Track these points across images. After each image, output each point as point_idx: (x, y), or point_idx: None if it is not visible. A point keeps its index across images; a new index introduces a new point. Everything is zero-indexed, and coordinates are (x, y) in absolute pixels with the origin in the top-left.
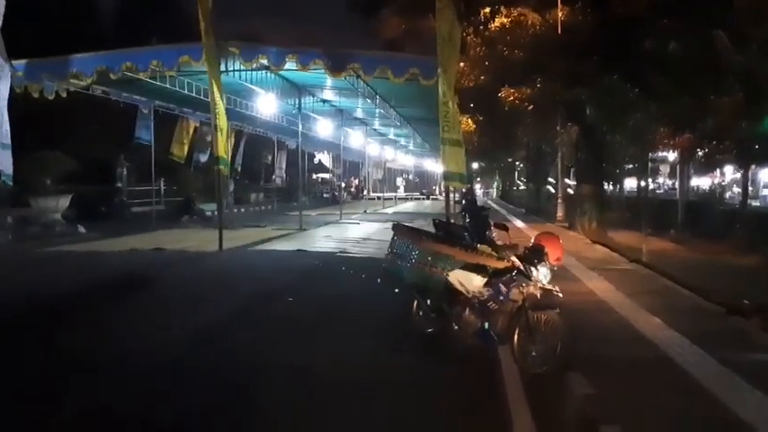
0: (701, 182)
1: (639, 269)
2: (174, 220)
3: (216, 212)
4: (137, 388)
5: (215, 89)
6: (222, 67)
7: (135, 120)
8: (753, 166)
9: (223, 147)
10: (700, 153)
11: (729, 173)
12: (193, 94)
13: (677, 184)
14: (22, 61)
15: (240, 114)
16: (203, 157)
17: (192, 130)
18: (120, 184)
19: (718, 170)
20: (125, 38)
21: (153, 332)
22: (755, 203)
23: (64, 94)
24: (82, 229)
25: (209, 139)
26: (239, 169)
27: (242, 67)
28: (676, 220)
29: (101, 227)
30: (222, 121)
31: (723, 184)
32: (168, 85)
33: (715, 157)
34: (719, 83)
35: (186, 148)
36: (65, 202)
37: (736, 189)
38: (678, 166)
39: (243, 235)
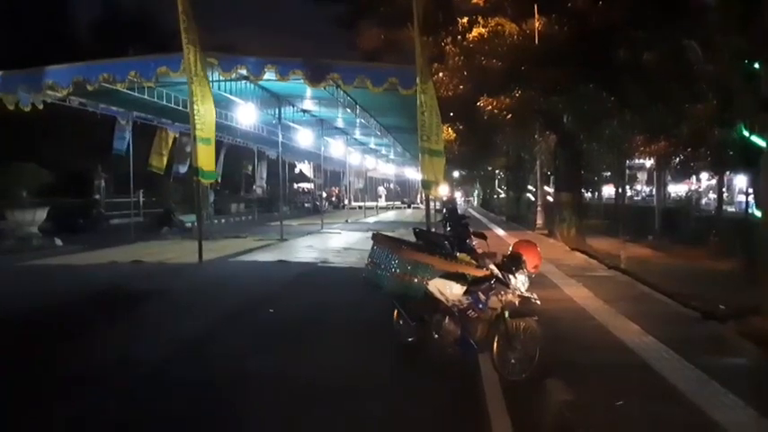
0: (678, 188)
1: (617, 276)
2: (153, 231)
3: (196, 223)
4: (116, 400)
5: (198, 99)
6: None
7: (113, 131)
8: (727, 173)
9: (209, 159)
10: (675, 160)
11: (705, 179)
12: (172, 105)
13: (654, 190)
14: None
15: (220, 125)
16: (183, 168)
17: (171, 141)
18: (98, 196)
19: (693, 177)
20: (102, 49)
21: (132, 345)
22: (731, 209)
23: (40, 106)
24: (59, 242)
25: (188, 149)
26: (219, 180)
27: (221, 78)
28: (654, 227)
29: (79, 239)
30: (208, 133)
31: (699, 190)
32: (147, 96)
33: (690, 164)
34: (693, 91)
35: (165, 159)
36: (41, 214)
37: (712, 195)
38: (655, 173)
39: (223, 246)
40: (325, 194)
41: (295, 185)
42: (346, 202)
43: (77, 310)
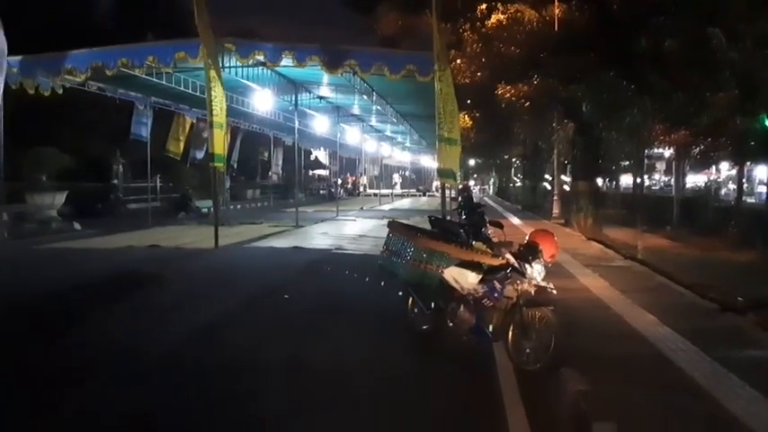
0: (697, 178)
1: (634, 266)
2: (170, 216)
3: (212, 209)
4: (129, 384)
5: (213, 85)
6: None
7: (131, 116)
8: (748, 163)
9: (221, 144)
10: (695, 150)
11: (725, 169)
12: (189, 91)
13: (673, 180)
14: (17, 57)
15: (236, 111)
16: (199, 154)
17: (188, 127)
18: (116, 181)
19: (713, 167)
20: (121, 34)
21: (150, 329)
22: (750, 200)
23: (60, 91)
24: (77, 226)
25: (205, 135)
26: (235, 166)
27: (238, 64)
28: (672, 217)
29: (97, 224)
30: (222, 118)
31: (718, 180)
32: (164, 82)
33: (710, 154)
34: (715, 79)
35: (182, 145)
36: (61, 198)
37: (732, 186)
38: (674, 163)
39: (239, 232)
40: (340, 181)
41: (310, 172)
42: (361, 189)
43: (94, 294)
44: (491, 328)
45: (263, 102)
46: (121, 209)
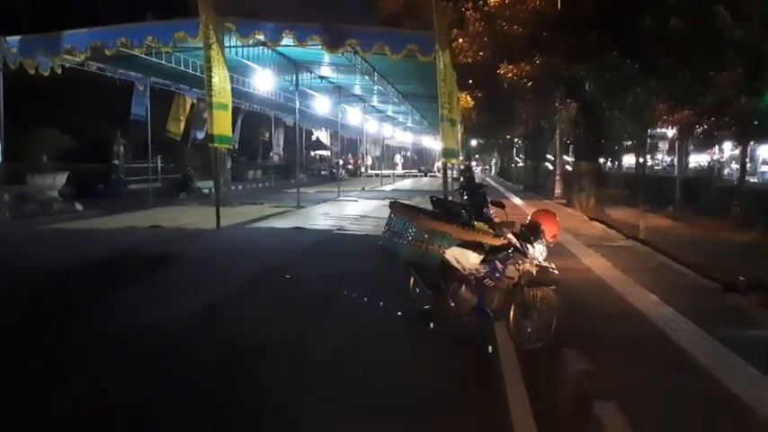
0: (700, 158)
1: (636, 246)
2: (171, 197)
3: (213, 190)
4: (128, 365)
5: (215, 65)
6: None
7: (131, 96)
8: (751, 143)
9: (226, 124)
10: (698, 129)
11: (728, 149)
12: (190, 71)
13: (676, 160)
14: (16, 37)
15: (237, 91)
16: (200, 134)
17: (188, 107)
18: (116, 162)
19: (716, 147)
20: (120, 13)
21: (153, 310)
22: (753, 180)
23: (59, 71)
24: (79, 207)
25: (205, 115)
26: (236, 146)
27: (238, 44)
28: (674, 197)
29: (98, 204)
30: (224, 98)
31: (721, 160)
32: (164, 62)
33: (714, 134)
34: (719, 58)
35: (183, 125)
36: (62, 179)
37: (735, 166)
38: (677, 143)
39: (240, 212)
40: (342, 162)
41: (312, 153)
42: (363, 169)
43: (95, 274)
44: (492, 307)
45: (263, 82)
46: (123, 189)
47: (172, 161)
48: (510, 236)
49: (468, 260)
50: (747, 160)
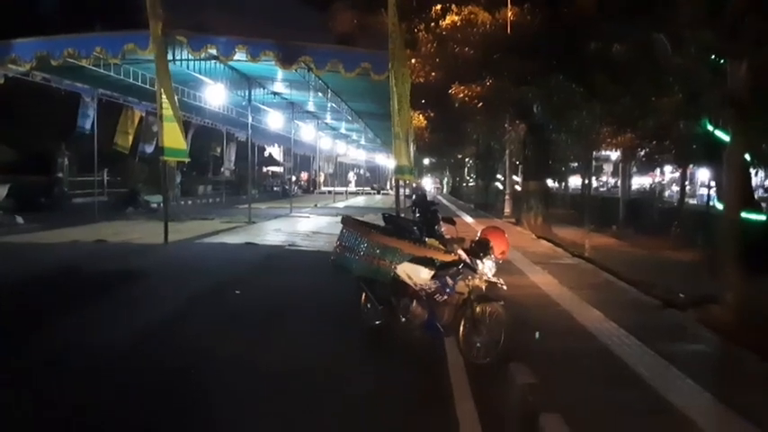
0: (642, 180)
1: (582, 264)
2: (118, 211)
3: (162, 204)
4: (73, 384)
5: (163, 75)
6: (169, 56)
7: (77, 108)
8: (690, 166)
9: (177, 136)
10: (641, 152)
11: (669, 172)
12: (139, 83)
13: (619, 182)
14: None
15: (188, 105)
16: (149, 148)
17: (137, 120)
18: (60, 174)
19: (658, 169)
20: (70, 23)
21: (94, 326)
22: (693, 201)
23: (1, 80)
24: (20, 220)
25: (155, 129)
26: (188, 160)
27: (190, 57)
28: (618, 217)
29: (40, 218)
30: (175, 111)
31: (662, 182)
32: (113, 73)
33: (655, 157)
34: (660, 84)
35: (131, 139)
36: (2, 191)
37: (675, 188)
38: (620, 165)
39: (190, 227)
40: (294, 178)
41: (264, 169)
42: (316, 186)
43: (35, 290)
44: (443, 322)
45: (215, 96)
46: (66, 203)
47: (119, 175)
48: (460, 252)
49: (420, 276)
50: (687, 183)
